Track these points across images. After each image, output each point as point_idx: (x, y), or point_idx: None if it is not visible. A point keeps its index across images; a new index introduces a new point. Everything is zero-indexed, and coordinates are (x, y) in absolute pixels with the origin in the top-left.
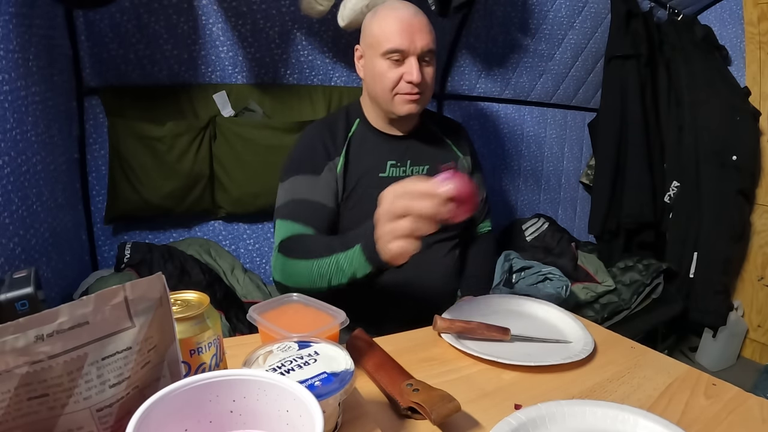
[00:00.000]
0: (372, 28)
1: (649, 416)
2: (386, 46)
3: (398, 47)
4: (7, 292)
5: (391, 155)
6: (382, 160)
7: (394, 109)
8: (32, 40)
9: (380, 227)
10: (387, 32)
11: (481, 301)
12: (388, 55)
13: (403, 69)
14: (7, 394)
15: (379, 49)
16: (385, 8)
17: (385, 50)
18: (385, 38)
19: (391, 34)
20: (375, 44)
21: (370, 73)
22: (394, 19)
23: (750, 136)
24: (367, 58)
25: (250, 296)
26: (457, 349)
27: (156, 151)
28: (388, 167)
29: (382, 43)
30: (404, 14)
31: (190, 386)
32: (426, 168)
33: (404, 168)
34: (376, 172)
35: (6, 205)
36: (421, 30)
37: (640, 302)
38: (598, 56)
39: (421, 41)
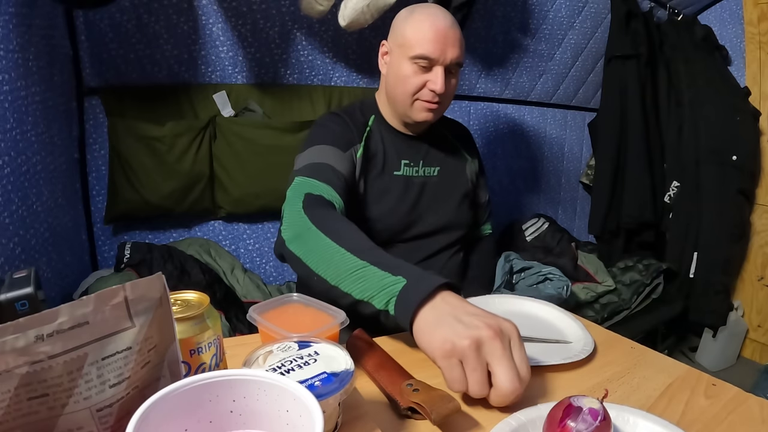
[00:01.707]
0: (405, 28)
1: (649, 416)
2: (417, 50)
3: (428, 55)
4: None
5: (406, 154)
6: (397, 158)
7: (411, 114)
8: (32, 40)
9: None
10: (420, 37)
11: (482, 301)
12: (416, 59)
13: (429, 77)
14: (7, 394)
15: (408, 52)
16: (422, 12)
17: (414, 54)
18: (417, 42)
19: (424, 41)
20: (405, 45)
21: (394, 72)
22: (430, 25)
23: (750, 136)
24: (393, 57)
25: (250, 296)
26: None
27: (156, 151)
28: (402, 166)
29: (414, 46)
30: (441, 23)
31: (190, 386)
32: (437, 170)
33: (417, 168)
34: (392, 169)
35: (6, 205)
36: (454, 43)
37: (640, 302)
38: (598, 56)
39: (451, 53)
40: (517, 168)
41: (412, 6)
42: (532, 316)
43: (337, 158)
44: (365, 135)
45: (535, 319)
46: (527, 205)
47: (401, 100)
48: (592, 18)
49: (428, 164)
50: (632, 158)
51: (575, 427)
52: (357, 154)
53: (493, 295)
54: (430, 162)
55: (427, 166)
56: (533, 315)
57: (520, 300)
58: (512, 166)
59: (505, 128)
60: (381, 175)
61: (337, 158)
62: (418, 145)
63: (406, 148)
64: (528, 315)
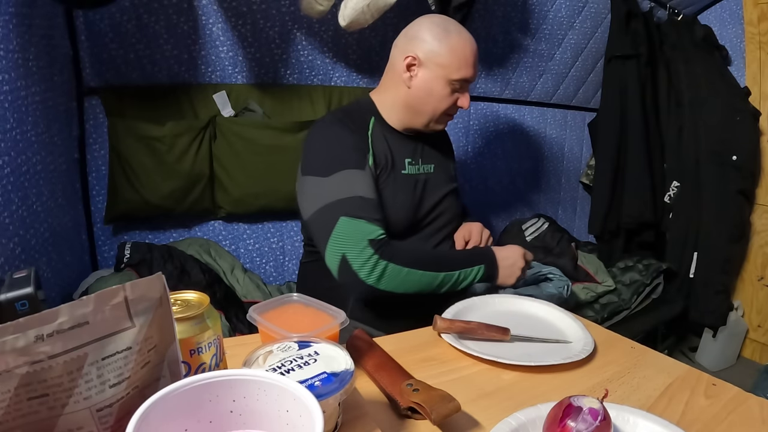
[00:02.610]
0: (444, 49)
1: (649, 416)
2: (460, 74)
3: (469, 78)
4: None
5: (407, 153)
6: (402, 157)
7: (434, 126)
8: (32, 40)
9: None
10: (463, 61)
11: (482, 300)
12: (455, 82)
13: (459, 95)
14: (7, 394)
15: (450, 74)
16: (455, 32)
17: (457, 78)
18: (460, 66)
19: (466, 65)
20: (446, 66)
21: (426, 87)
22: (470, 50)
23: (750, 136)
24: (427, 73)
25: (250, 296)
26: (457, 349)
27: (156, 151)
28: (407, 164)
29: (457, 70)
30: (473, 46)
31: (190, 386)
32: (432, 166)
33: (418, 166)
34: (399, 168)
35: (6, 205)
36: (478, 62)
37: (640, 302)
38: (598, 56)
39: (477, 72)
40: (517, 168)
41: (437, 20)
42: (532, 316)
43: (364, 183)
44: (370, 139)
45: (535, 319)
46: (527, 205)
47: (429, 114)
48: (592, 18)
49: (426, 161)
50: (632, 158)
51: (575, 427)
52: (369, 161)
53: (493, 295)
54: (427, 159)
55: (425, 164)
56: (533, 315)
57: (520, 300)
58: (512, 166)
59: (505, 128)
60: (391, 175)
61: (364, 183)
62: (416, 143)
63: (407, 147)
64: (528, 315)
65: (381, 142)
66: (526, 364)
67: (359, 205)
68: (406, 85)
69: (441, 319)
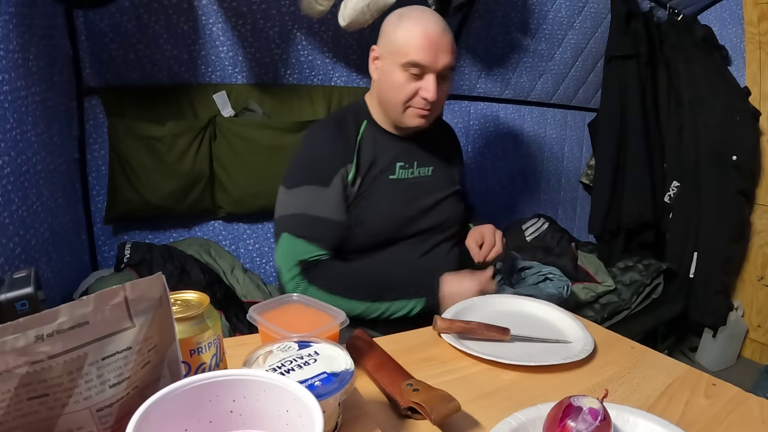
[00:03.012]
0: (396, 34)
1: (649, 416)
2: (409, 58)
3: (421, 62)
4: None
5: (400, 157)
6: (392, 161)
7: (404, 121)
8: (32, 40)
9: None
10: (412, 44)
11: (482, 300)
12: (408, 67)
13: (421, 84)
14: (7, 394)
15: (400, 59)
16: (413, 17)
17: (406, 62)
18: (409, 50)
19: (416, 48)
20: (396, 52)
21: (386, 78)
22: (422, 32)
23: (750, 136)
24: (384, 63)
25: (250, 296)
26: (457, 349)
27: (156, 151)
28: (397, 169)
29: (405, 54)
30: (433, 30)
31: (190, 386)
32: (431, 169)
33: (411, 169)
34: (387, 174)
35: (6, 205)
36: (446, 49)
37: (640, 302)
38: (598, 56)
39: (443, 60)
40: (517, 168)
41: (401, 10)
42: (532, 316)
43: (323, 202)
44: (357, 146)
45: (535, 319)
46: (527, 205)
47: (393, 107)
48: (592, 18)
49: (422, 164)
50: (632, 158)
51: (575, 427)
52: (350, 174)
53: (493, 295)
54: (424, 162)
55: (421, 167)
56: (533, 315)
57: (520, 300)
58: (512, 166)
59: (505, 128)
60: (377, 180)
61: (323, 202)
62: (412, 145)
63: (400, 150)
64: (528, 315)
65: (370, 146)
66: (526, 364)
67: (304, 224)
68: (375, 80)
69: (441, 319)
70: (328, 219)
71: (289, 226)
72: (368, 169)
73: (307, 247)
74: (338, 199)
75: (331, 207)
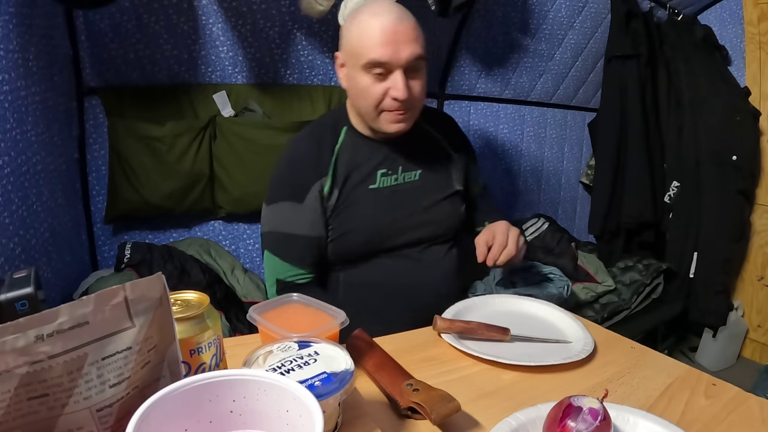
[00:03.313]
0: (352, 35)
1: (649, 416)
2: (367, 57)
3: (380, 59)
4: (7, 292)
5: (382, 164)
6: (373, 170)
7: (381, 126)
8: (32, 40)
9: None
10: (367, 43)
11: (482, 300)
12: (369, 68)
13: (388, 84)
14: (7, 394)
15: (359, 61)
16: (365, 13)
17: (365, 62)
18: (365, 49)
19: (372, 45)
20: (355, 55)
21: (353, 85)
22: (375, 27)
23: (750, 136)
24: (348, 69)
25: (250, 296)
26: (457, 349)
27: (156, 151)
28: (378, 177)
29: (363, 54)
30: (386, 21)
31: (190, 386)
32: (418, 173)
33: (395, 176)
34: (367, 184)
35: (6, 205)
36: (407, 38)
37: (640, 302)
38: (598, 56)
39: (406, 51)
40: (517, 168)
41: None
42: (532, 316)
43: (298, 219)
44: (335, 157)
45: (535, 319)
46: (527, 205)
47: (366, 113)
48: (592, 18)
49: (408, 169)
50: (632, 158)
51: (575, 427)
52: (325, 188)
53: (493, 295)
54: (409, 167)
55: (406, 172)
56: (533, 315)
57: (520, 300)
58: (512, 166)
59: (505, 128)
60: (355, 190)
61: (298, 219)
62: (396, 150)
63: (382, 156)
64: (528, 315)
65: (349, 155)
66: (526, 364)
67: (281, 242)
68: (344, 87)
69: (441, 319)
70: (303, 236)
71: (268, 244)
72: (345, 181)
73: (283, 266)
74: (314, 214)
75: (306, 223)
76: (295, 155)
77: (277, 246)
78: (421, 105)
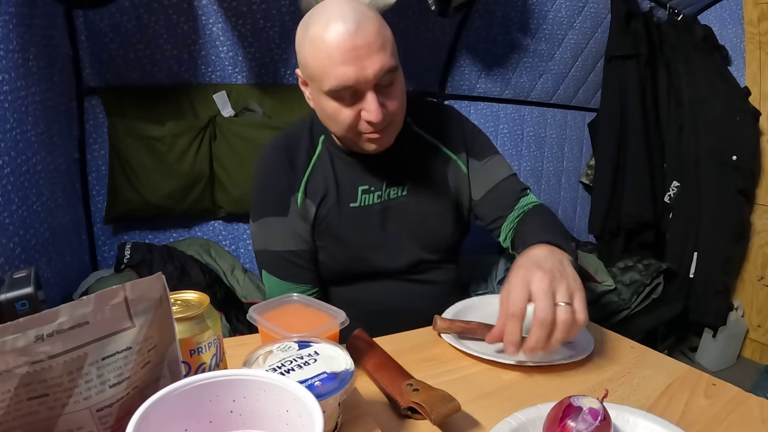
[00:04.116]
0: (305, 54)
1: (649, 416)
2: (328, 84)
3: (344, 84)
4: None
5: (363, 179)
6: (353, 187)
7: (361, 146)
8: (32, 40)
9: None
10: (324, 66)
11: (481, 301)
12: (334, 93)
13: (360, 106)
14: (7, 394)
15: (321, 86)
16: (315, 24)
17: (329, 89)
18: (323, 73)
19: (330, 68)
20: (314, 79)
21: (319, 109)
22: (330, 44)
23: (750, 136)
24: (311, 90)
25: (250, 297)
26: (457, 349)
27: (156, 151)
28: (359, 194)
29: (322, 79)
30: (341, 34)
31: (190, 386)
32: (406, 188)
33: (379, 192)
34: (347, 201)
35: (6, 205)
36: (370, 50)
37: (640, 302)
38: (598, 56)
39: (373, 67)
40: (517, 168)
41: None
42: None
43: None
44: (309, 170)
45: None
46: None
47: (342, 136)
48: (592, 18)
49: (394, 184)
50: (632, 158)
51: (575, 427)
52: (297, 202)
53: (493, 295)
54: (396, 181)
55: (393, 187)
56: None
57: None
58: (512, 166)
59: (505, 128)
60: (335, 211)
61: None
62: (379, 164)
63: (363, 172)
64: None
65: (325, 170)
66: (527, 364)
67: (275, 261)
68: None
69: (441, 319)
70: (294, 251)
71: (263, 263)
72: (322, 199)
73: (283, 285)
74: (300, 226)
75: (294, 237)
76: (269, 167)
77: (273, 265)
78: (403, 114)
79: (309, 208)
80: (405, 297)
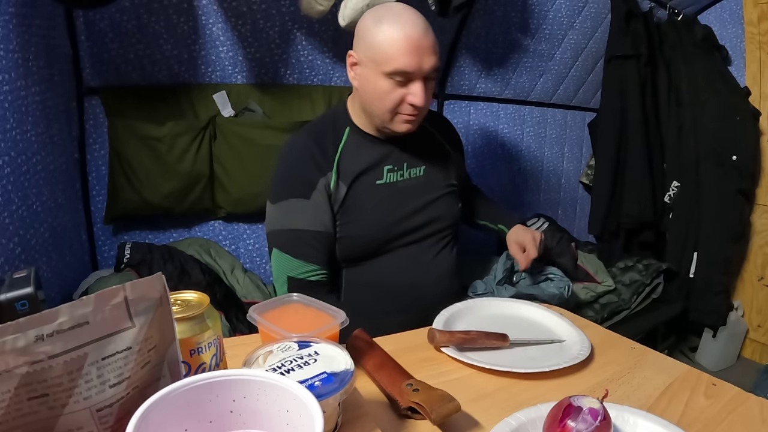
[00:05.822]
0: (376, 40)
1: (649, 416)
2: (393, 66)
3: (406, 69)
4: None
5: (388, 160)
6: (379, 166)
7: (392, 127)
8: (32, 40)
9: None
10: (395, 51)
11: (475, 303)
12: (392, 75)
13: (407, 90)
14: (7, 394)
15: (383, 67)
16: (392, 22)
17: (391, 70)
18: (392, 57)
19: (399, 55)
20: (379, 60)
21: (370, 87)
22: (404, 38)
23: (750, 136)
24: (365, 70)
25: (250, 296)
26: (459, 361)
27: (156, 151)
28: (385, 173)
29: (389, 61)
30: (414, 33)
31: (190, 386)
32: (423, 169)
33: (401, 171)
34: (374, 179)
35: (6, 205)
36: (430, 51)
37: (640, 302)
38: (598, 56)
39: (429, 62)
40: (517, 168)
41: (377, 10)
42: (525, 318)
43: (306, 215)
44: (338, 155)
45: (528, 321)
46: (527, 205)
47: (379, 115)
48: (592, 18)
49: (413, 165)
50: (632, 158)
51: (575, 427)
52: (330, 183)
53: (491, 298)
54: (414, 163)
55: (412, 168)
56: (525, 317)
57: (510, 303)
58: (512, 166)
59: (505, 128)
60: (364, 187)
61: (306, 215)
62: (400, 146)
63: (388, 153)
64: (521, 317)
65: (354, 154)
66: (528, 371)
67: (290, 239)
68: (355, 86)
69: (440, 332)
70: (312, 231)
71: (277, 242)
72: (354, 178)
73: (294, 262)
74: (322, 209)
75: (315, 219)
76: (296, 154)
77: (287, 243)
78: (428, 108)
79: (341, 188)
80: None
